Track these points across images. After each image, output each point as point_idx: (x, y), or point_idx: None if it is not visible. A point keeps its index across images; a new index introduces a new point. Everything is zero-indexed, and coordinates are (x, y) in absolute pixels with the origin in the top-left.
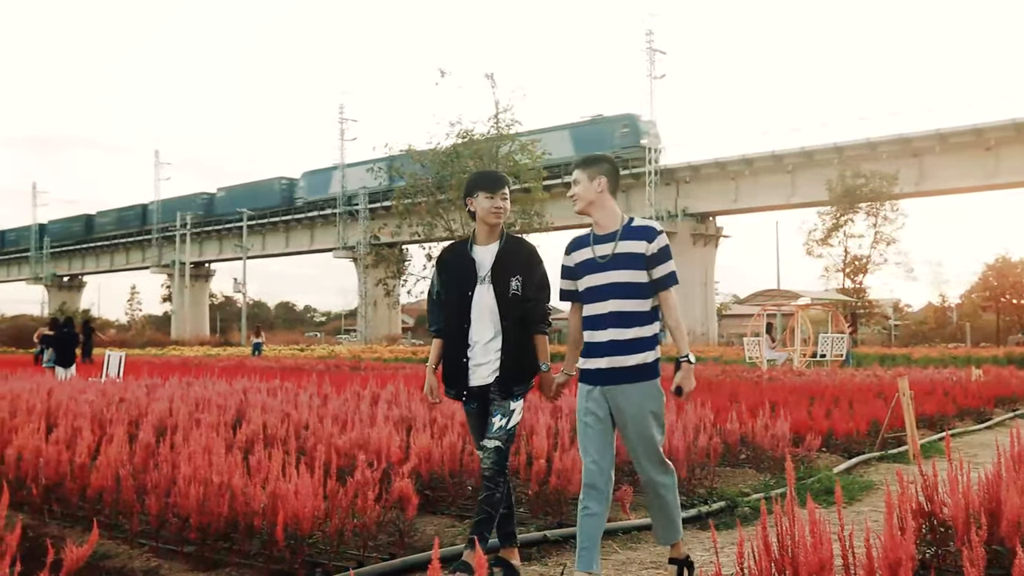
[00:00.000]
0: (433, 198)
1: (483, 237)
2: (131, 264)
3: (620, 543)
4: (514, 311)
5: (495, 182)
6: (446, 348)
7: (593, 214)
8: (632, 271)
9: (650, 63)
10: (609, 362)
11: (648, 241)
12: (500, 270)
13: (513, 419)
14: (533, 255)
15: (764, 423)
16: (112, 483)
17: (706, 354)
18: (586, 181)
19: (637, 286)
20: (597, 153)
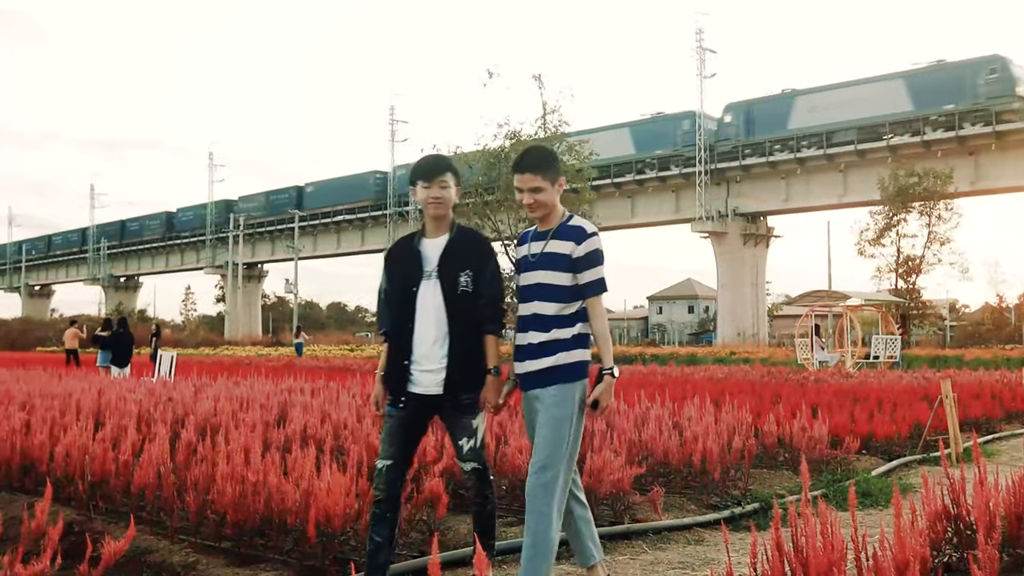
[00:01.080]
0: (481, 199)
1: (431, 229)
2: (186, 265)
3: (649, 543)
4: (463, 310)
5: (430, 170)
6: (390, 350)
7: (544, 216)
8: (556, 272)
9: (700, 62)
10: (532, 366)
11: (576, 242)
12: (447, 265)
13: (479, 436)
14: (485, 248)
15: (802, 425)
16: (154, 480)
17: (755, 355)
18: (550, 187)
19: (559, 289)
20: (545, 149)
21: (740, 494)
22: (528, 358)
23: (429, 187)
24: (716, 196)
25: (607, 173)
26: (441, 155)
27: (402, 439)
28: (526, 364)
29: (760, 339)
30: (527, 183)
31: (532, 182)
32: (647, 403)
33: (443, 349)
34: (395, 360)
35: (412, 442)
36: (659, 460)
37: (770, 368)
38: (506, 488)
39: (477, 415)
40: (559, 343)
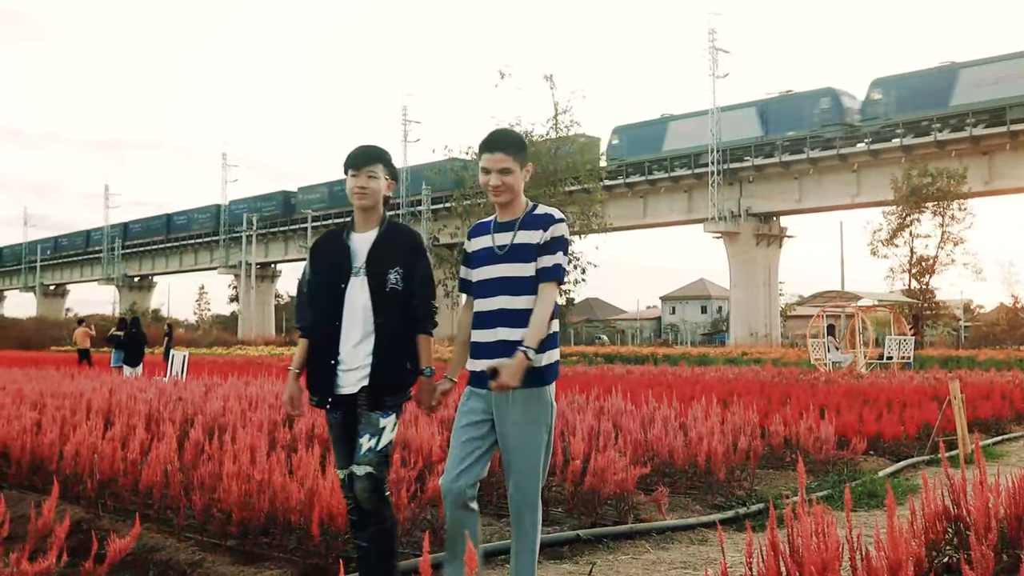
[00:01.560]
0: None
1: (360, 223)
2: (199, 265)
3: (653, 543)
4: (391, 308)
5: (359, 159)
6: (313, 349)
7: (508, 203)
8: (526, 264)
9: (713, 62)
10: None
11: (543, 229)
12: (376, 261)
13: (384, 438)
14: (417, 244)
15: (808, 425)
16: (161, 479)
17: (767, 356)
18: (518, 170)
19: (527, 281)
20: (516, 132)
21: (745, 494)
22: (498, 355)
23: (357, 176)
24: (729, 196)
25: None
26: (375, 145)
27: (343, 445)
28: (493, 362)
29: (773, 339)
30: (496, 163)
31: (502, 162)
32: (655, 403)
33: (367, 348)
34: (321, 359)
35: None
36: (664, 460)
37: (781, 369)
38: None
39: (389, 415)
40: (543, 341)
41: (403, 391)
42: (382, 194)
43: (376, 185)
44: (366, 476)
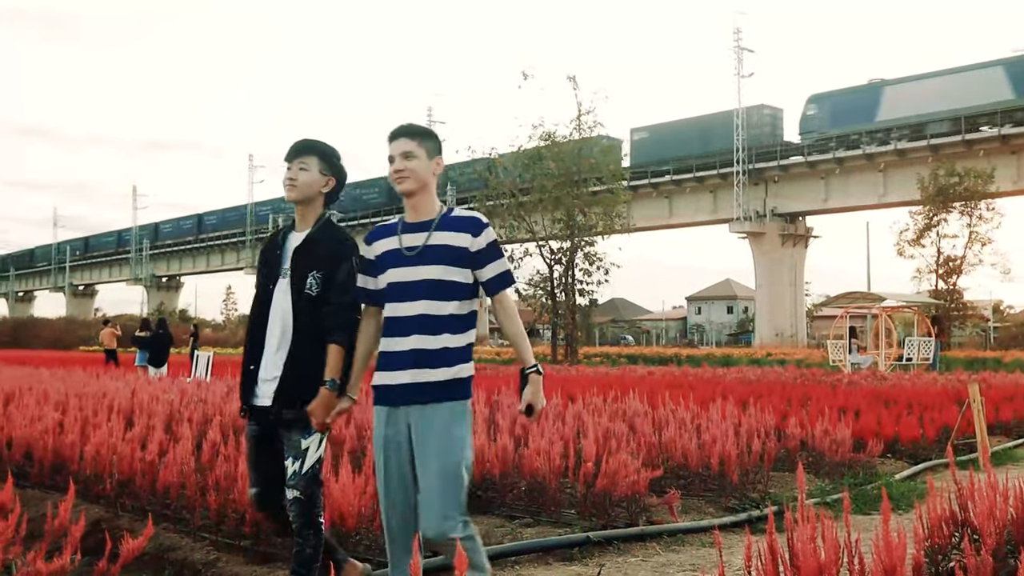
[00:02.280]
0: (515, 200)
1: (298, 221)
2: (226, 265)
3: (663, 545)
4: (308, 316)
5: (291, 149)
6: (243, 353)
7: (415, 197)
8: (448, 267)
9: (738, 61)
10: (413, 376)
11: (473, 234)
12: (299, 263)
13: (309, 460)
14: (343, 247)
15: (824, 428)
16: (178, 480)
17: (791, 356)
18: (424, 157)
19: (453, 285)
20: (425, 126)
21: (759, 497)
22: (410, 366)
23: (289, 168)
24: (754, 196)
25: (978, 124)
26: (314, 139)
27: (257, 459)
28: (405, 374)
29: (799, 340)
30: (399, 148)
31: (404, 147)
32: (672, 405)
33: (282, 357)
34: (244, 365)
35: (272, 462)
36: (678, 462)
37: (803, 370)
38: (524, 489)
39: (310, 435)
40: (456, 352)
41: None
42: (315, 189)
43: (306, 178)
44: (294, 501)
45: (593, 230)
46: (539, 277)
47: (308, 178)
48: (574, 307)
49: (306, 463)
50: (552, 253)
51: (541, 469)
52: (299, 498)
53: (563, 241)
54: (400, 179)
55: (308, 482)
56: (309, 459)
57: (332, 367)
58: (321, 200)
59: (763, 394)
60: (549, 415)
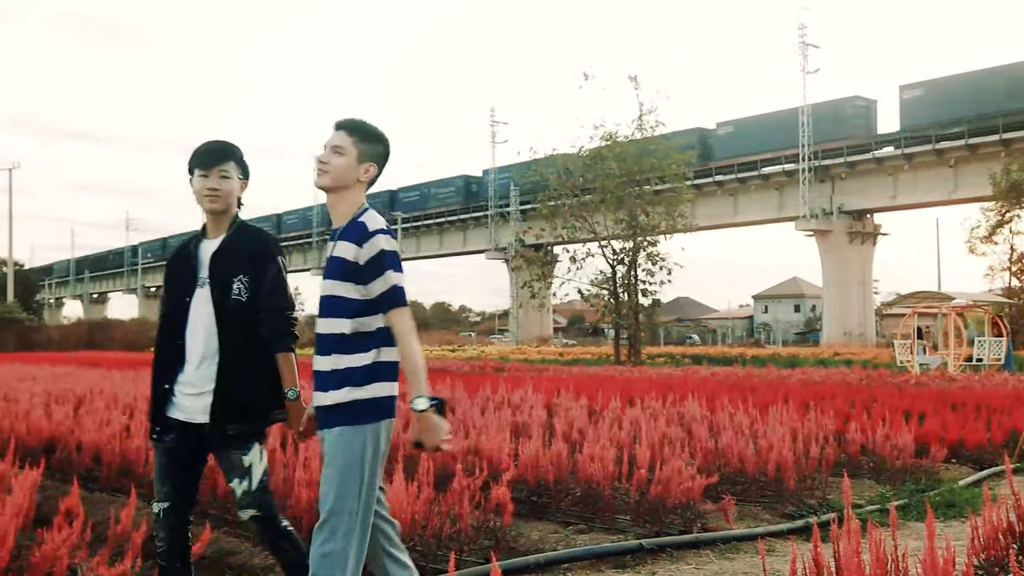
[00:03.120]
0: (577, 200)
1: (211, 228)
2: (293, 266)
3: (717, 553)
4: (236, 323)
5: (209, 157)
6: (154, 371)
7: (331, 197)
8: (337, 282)
9: (803, 57)
10: (316, 399)
11: (357, 244)
12: (219, 269)
13: (256, 476)
14: (264, 248)
15: (885, 432)
16: None
17: (859, 356)
18: (354, 158)
19: (341, 302)
20: (372, 125)
21: (817, 503)
22: (317, 388)
23: (207, 176)
24: (820, 193)
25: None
26: (226, 141)
27: (171, 474)
28: (315, 396)
29: (867, 339)
30: (332, 140)
31: (336, 139)
32: (730, 409)
33: (211, 370)
34: (157, 381)
35: (188, 479)
36: (735, 468)
37: (870, 371)
38: (579, 495)
39: (250, 450)
40: (348, 373)
41: (254, 420)
42: (235, 196)
43: (229, 186)
44: (252, 520)
45: (656, 230)
46: (602, 277)
47: (230, 186)
48: (637, 307)
49: (254, 480)
50: (615, 253)
51: (595, 475)
52: (257, 515)
53: (625, 241)
54: (318, 171)
55: (259, 496)
56: (256, 474)
57: (287, 377)
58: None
59: (826, 396)
60: (606, 419)
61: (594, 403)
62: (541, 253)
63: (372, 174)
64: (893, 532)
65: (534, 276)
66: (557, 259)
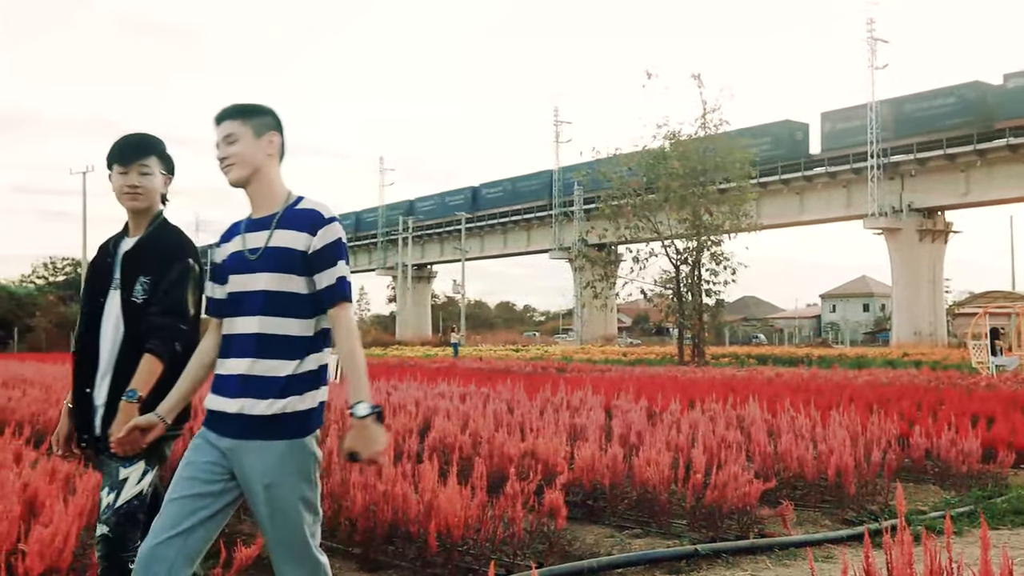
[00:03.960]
0: (640, 199)
1: (132, 226)
2: (358, 266)
3: (774, 559)
4: (134, 328)
5: (127, 151)
6: (72, 374)
7: (250, 186)
8: (284, 275)
9: (871, 53)
10: (240, 406)
11: (310, 232)
12: (128, 269)
13: (126, 493)
14: (172, 248)
15: (951, 437)
16: None
17: (929, 357)
18: (250, 137)
19: (292, 298)
20: (254, 103)
21: (879, 509)
22: (238, 394)
23: (126, 173)
24: (889, 191)
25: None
26: (146, 134)
27: None
28: (233, 402)
29: (938, 339)
30: (221, 133)
31: (227, 130)
32: (792, 412)
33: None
34: (77, 388)
35: None
36: (794, 473)
37: (939, 372)
38: (635, 499)
39: (132, 465)
40: (293, 380)
41: None
42: (158, 193)
43: (150, 183)
44: (101, 539)
45: (719, 229)
46: (665, 277)
47: (151, 183)
48: (701, 307)
49: (122, 496)
50: (678, 253)
51: (651, 479)
52: (107, 536)
53: (689, 241)
54: (226, 168)
55: (121, 519)
56: (126, 492)
57: (138, 377)
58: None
59: (892, 399)
60: (665, 422)
61: (654, 405)
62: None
63: (277, 143)
64: (947, 541)
65: (597, 276)
66: (621, 258)
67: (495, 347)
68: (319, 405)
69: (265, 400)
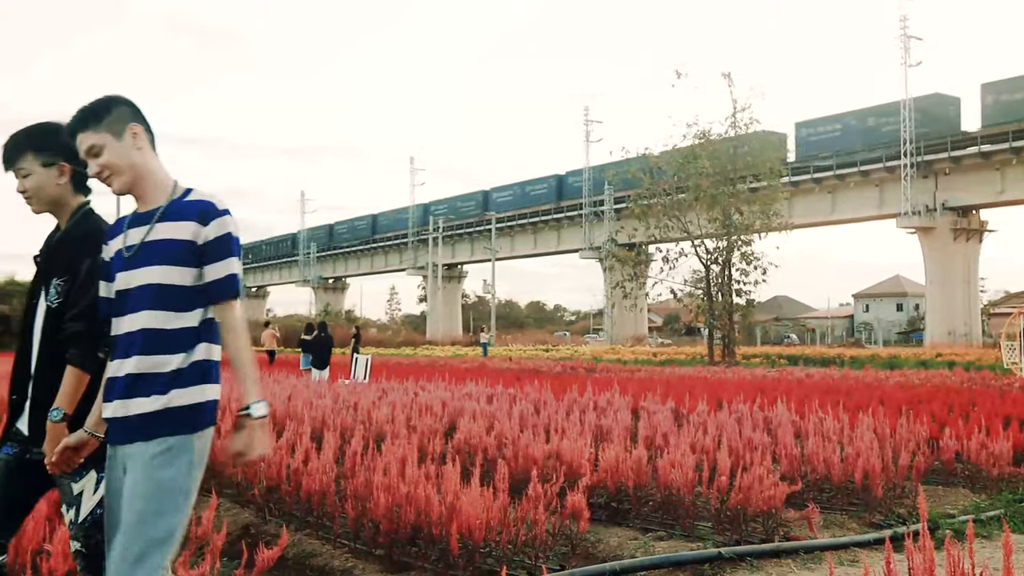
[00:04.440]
0: (670, 199)
1: (60, 224)
2: (389, 266)
3: (799, 562)
4: (50, 332)
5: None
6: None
7: (138, 188)
8: (169, 267)
9: (905, 50)
10: (127, 408)
11: (200, 223)
12: (46, 270)
13: (85, 506)
14: (83, 244)
15: (981, 440)
16: (319, 488)
17: (963, 357)
18: (112, 142)
19: (176, 291)
20: (105, 97)
21: (906, 513)
22: (120, 396)
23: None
24: (923, 189)
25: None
26: (15, 133)
27: (5, 485)
28: (116, 405)
29: (972, 339)
30: (83, 146)
31: (88, 141)
32: (820, 414)
33: None
34: (8, 394)
35: (22, 493)
36: (821, 476)
37: (972, 373)
38: (659, 501)
39: (82, 477)
40: (174, 375)
41: None
42: (50, 188)
43: (35, 183)
44: (76, 554)
45: (750, 229)
46: (695, 277)
47: (37, 182)
48: (731, 307)
49: (82, 510)
50: (708, 252)
51: (675, 481)
52: (81, 551)
53: (719, 240)
54: (108, 181)
55: (89, 531)
56: (85, 505)
57: (62, 392)
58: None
59: (924, 400)
60: (691, 423)
61: (681, 406)
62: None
63: (142, 132)
64: (970, 546)
65: (626, 276)
66: (651, 258)
67: (525, 347)
68: (209, 402)
69: (150, 397)
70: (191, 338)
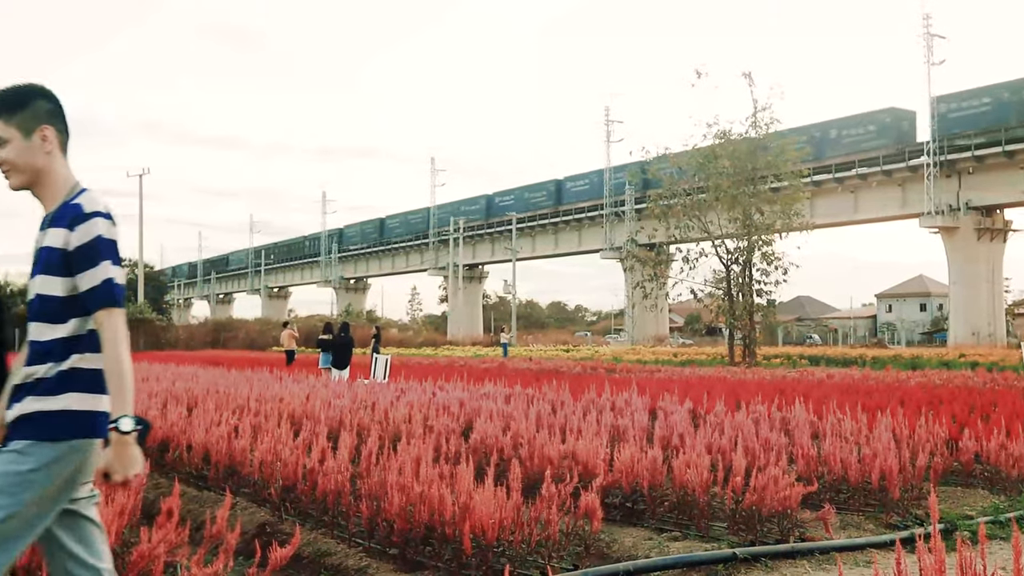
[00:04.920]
0: (690, 199)
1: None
2: (410, 267)
3: (814, 563)
4: None
5: None
6: None
7: (38, 189)
8: (48, 277)
9: (927, 49)
10: (8, 415)
11: (69, 228)
12: None
13: None
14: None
15: (1000, 441)
16: (334, 487)
17: (987, 358)
18: (19, 140)
19: (52, 302)
20: (14, 86)
21: (924, 514)
22: (10, 405)
23: None
24: (946, 189)
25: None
26: None
27: None
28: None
29: (997, 339)
30: None
31: None
32: (839, 415)
33: None
34: None
35: None
36: (838, 476)
37: (995, 374)
38: (674, 502)
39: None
40: (34, 384)
41: None
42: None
43: (15, 151)
44: None
45: (770, 229)
46: (716, 277)
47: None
48: (752, 307)
49: None
50: (728, 253)
51: (690, 482)
52: None
53: (739, 240)
54: (5, 175)
55: None
56: None
57: None
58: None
59: (944, 401)
60: (708, 424)
61: (699, 407)
62: (655, 252)
63: (52, 136)
64: (982, 548)
65: (646, 276)
66: (672, 258)
67: (545, 347)
68: (79, 412)
69: (11, 408)
70: (60, 349)
